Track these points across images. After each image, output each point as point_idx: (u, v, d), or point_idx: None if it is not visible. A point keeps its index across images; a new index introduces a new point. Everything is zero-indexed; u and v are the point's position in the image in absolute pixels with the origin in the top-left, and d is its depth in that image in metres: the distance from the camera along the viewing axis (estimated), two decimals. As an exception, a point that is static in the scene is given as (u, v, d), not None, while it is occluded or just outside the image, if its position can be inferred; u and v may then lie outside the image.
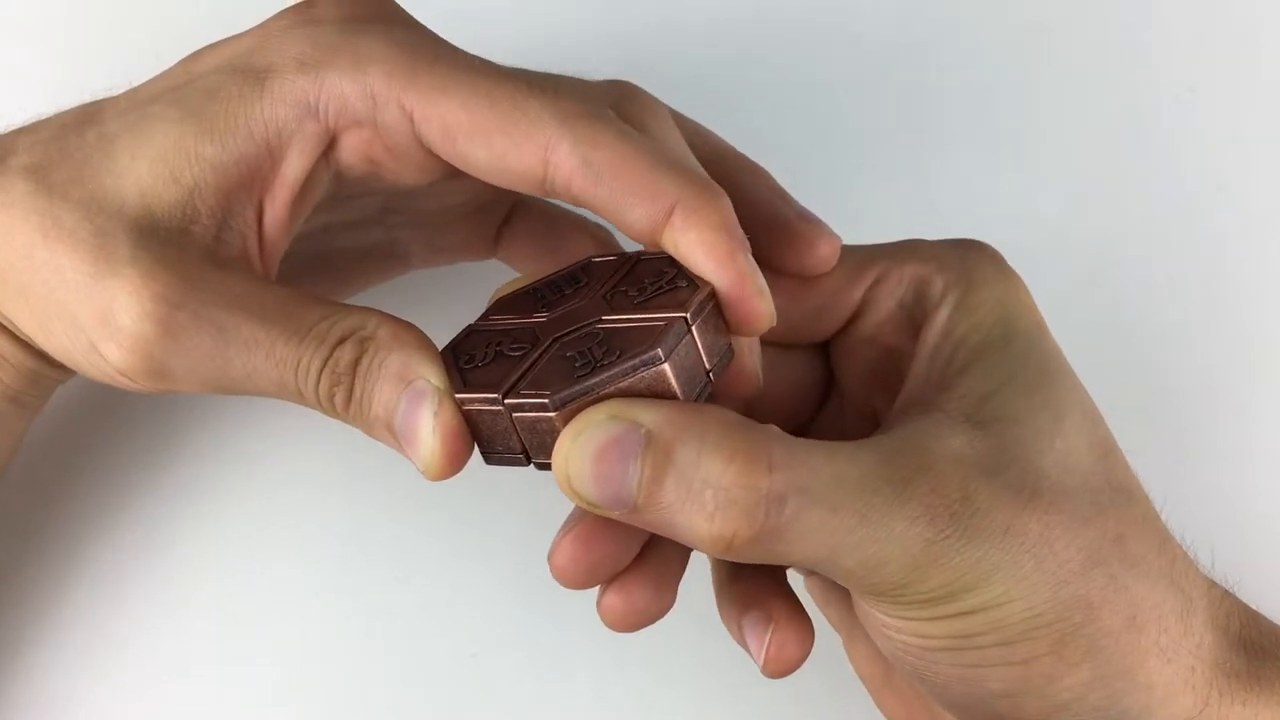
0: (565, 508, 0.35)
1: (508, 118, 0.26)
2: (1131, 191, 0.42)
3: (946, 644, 0.25)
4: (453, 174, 0.29)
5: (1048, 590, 0.25)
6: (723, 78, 0.42)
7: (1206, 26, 0.43)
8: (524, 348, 0.26)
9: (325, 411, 0.27)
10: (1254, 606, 0.29)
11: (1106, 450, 0.27)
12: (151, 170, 0.27)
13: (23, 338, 0.30)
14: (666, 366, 0.24)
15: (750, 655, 0.30)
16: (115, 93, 0.30)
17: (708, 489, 0.23)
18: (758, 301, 0.25)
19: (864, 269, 0.30)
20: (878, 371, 0.31)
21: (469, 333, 0.28)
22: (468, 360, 0.26)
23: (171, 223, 0.27)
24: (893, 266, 0.30)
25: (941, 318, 0.29)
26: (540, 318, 0.27)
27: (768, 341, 0.30)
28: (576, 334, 0.26)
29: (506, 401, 0.25)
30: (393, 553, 0.39)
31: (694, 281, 0.25)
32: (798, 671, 0.36)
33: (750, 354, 0.27)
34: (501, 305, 0.29)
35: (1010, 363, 0.28)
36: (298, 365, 0.26)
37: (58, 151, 0.28)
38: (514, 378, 0.25)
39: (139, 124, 0.28)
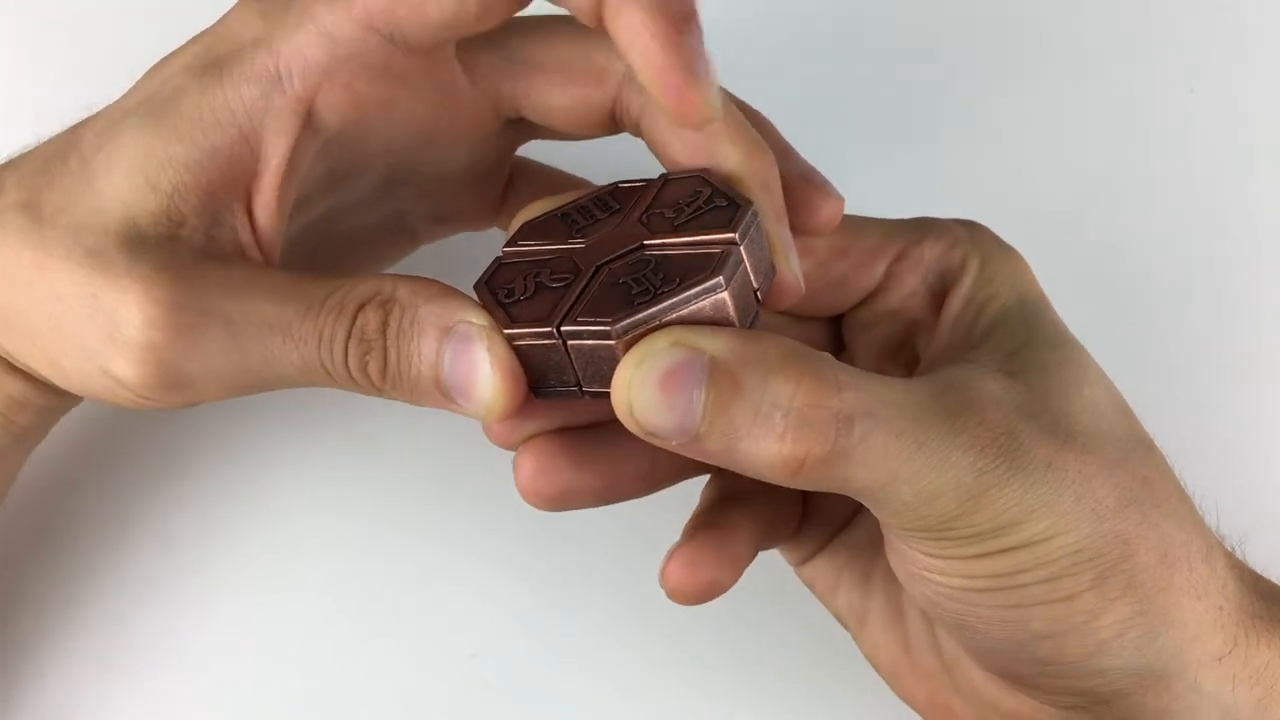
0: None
1: None
2: (1131, 192, 0.43)
3: (991, 584, 0.26)
4: (449, 100, 0.28)
5: (1088, 526, 0.25)
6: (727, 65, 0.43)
7: (1206, 26, 0.44)
8: (566, 277, 0.26)
9: (359, 387, 0.26)
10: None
11: (1124, 407, 0.28)
12: (127, 182, 0.27)
13: (37, 378, 0.29)
14: (726, 294, 0.24)
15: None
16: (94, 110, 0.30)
17: (777, 411, 0.23)
18: (690, 94, 0.23)
19: (885, 245, 0.30)
20: (895, 343, 0.31)
21: (498, 266, 0.27)
22: (507, 295, 0.26)
23: (159, 230, 0.27)
24: (913, 244, 0.30)
25: (963, 288, 0.30)
26: (576, 244, 0.27)
27: (784, 312, 0.31)
28: (623, 260, 0.25)
29: (562, 329, 0.24)
30: (392, 552, 0.38)
31: (734, 199, 0.25)
32: (805, 669, 0.37)
33: (788, 262, 0.27)
34: (529, 231, 0.28)
35: (1028, 326, 0.29)
36: (320, 340, 0.26)
37: (44, 183, 0.28)
38: (565, 308, 0.25)
39: (111, 139, 0.27)
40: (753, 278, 0.25)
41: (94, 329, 0.26)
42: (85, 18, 0.44)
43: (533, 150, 0.34)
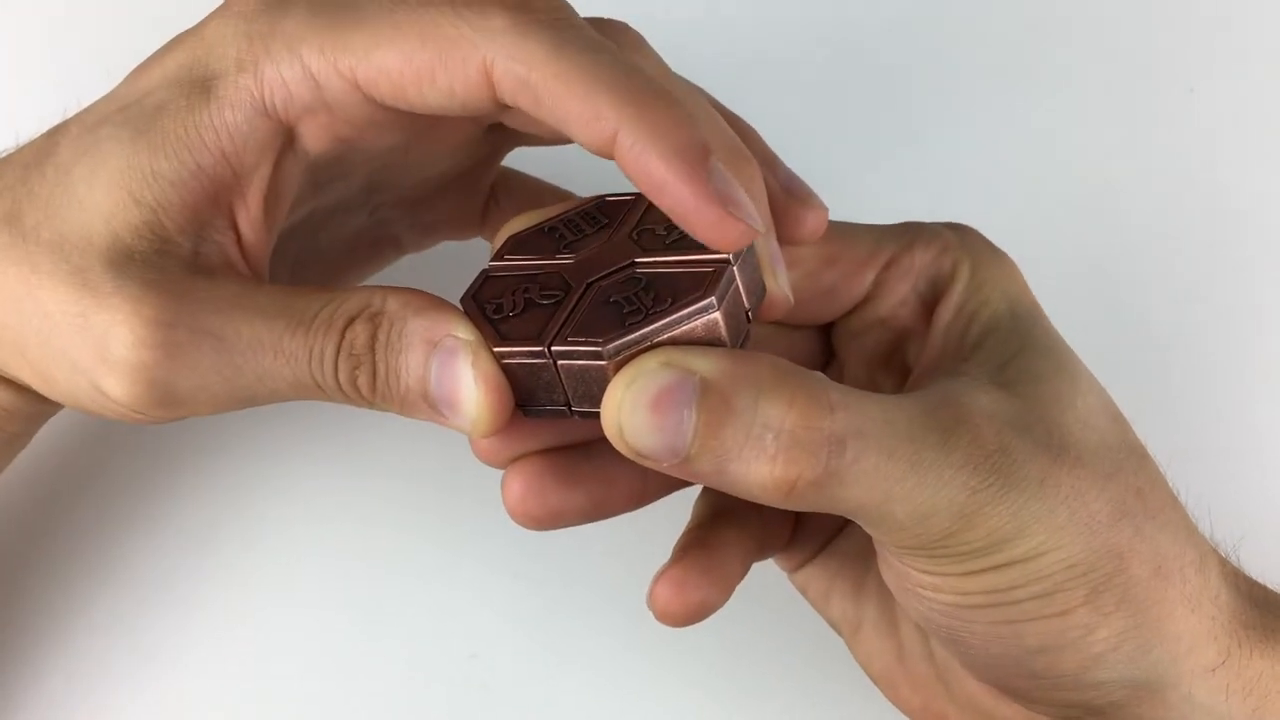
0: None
1: (440, 50, 0.25)
2: (1130, 192, 0.43)
3: (986, 600, 0.26)
4: (430, 124, 0.28)
5: (1081, 540, 0.25)
6: (718, 67, 0.43)
7: (1206, 26, 0.44)
8: (556, 295, 0.25)
9: (350, 400, 0.26)
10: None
11: (1116, 414, 0.28)
12: (109, 195, 0.26)
13: (25, 387, 0.29)
14: (719, 315, 0.23)
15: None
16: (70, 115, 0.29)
17: (769, 433, 0.23)
18: (730, 225, 0.23)
19: (875, 253, 0.30)
20: (885, 351, 0.31)
21: (486, 278, 0.27)
22: (496, 310, 0.26)
23: (144, 244, 0.26)
24: (902, 250, 0.30)
25: (954, 296, 0.29)
26: (565, 259, 0.26)
27: (775, 321, 0.31)
28: (614, 279, 0.25)
29: (553, 349, 0.24)
30: (391, 554, 0.38)
31: None
32: (803, 671, 0.37)
33: (776, 277, 0.26)
34: (516, 245, 0.28)
35: (1021, 334, 0.29)
36: (310, 356, 0.26)
37: (24, 195, 0.27)
38: (556, 327, 0.24)
39: (91, 149, 0.27)
40: (744, 298, 0.25)
41: (84, 347, 0.26)
42: (86, 16, 0.44)
43: (520, 158, 0.34)
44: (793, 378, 0.24)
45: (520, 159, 0.35)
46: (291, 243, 0.32)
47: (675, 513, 0.31)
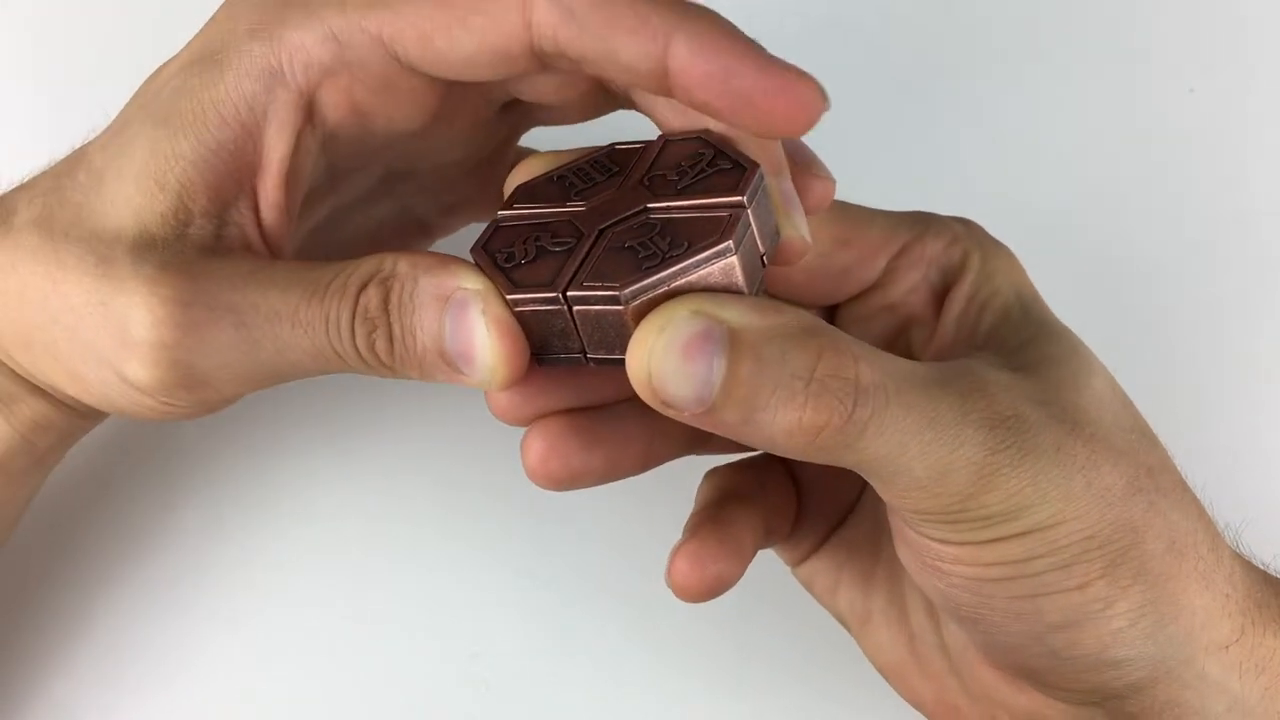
0: (567, 506, 0.35)
1: None
2: (1130, 192, 0.43)
3: (1004, 572, 0.25)
4: (446, 100, 0.28)
5: (1097, 511, 0.25)
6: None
7: (1206, 26, 0.44)
8: (568, 242, 0.25)
9: (371, 369, 0.26)
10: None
11: (1126, 400, 0.28)
12: (137, 185, 0.27)
13: (60, 397, 0.30)
14: (736, 259, 0.23)
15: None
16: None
17: (798, 380, 0.23)
18: (802, 88, 0.23)
19: (889, 240, 0.30)
20: (889, 337, 0.31)
21: (496, 228, 0.27)
22: (507, 259, 0.25)
23: (168, 231, 0.27)
24: (915, 239, 0.30)
25: (965, 286, 0.30)
26: (576, 207, 0.26)
27: (783, 297, 0.31)
28: (628, 224, 0.25)
29: (569, 294, 0.24)
30: (392, 553, 0.38)
31: (738, 161, 0.25)
32: (809, 667, 0.36)
33: (790, 219, 0.26)
34: (526, 193, 0.27)
35: (1032, 322, 0.29)
36: (326, 323, 0.26)
37: (56, 200, 0.28)
38: (570, 272, 0.24)
39: (119, 148, 0.27)
40: (759, 242, 0.25)
41: (106, 335, 0.26)
42: (84, 16, 0.44)
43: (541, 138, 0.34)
44: (819, 328, 0.24)
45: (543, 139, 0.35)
46: (316, 242, 0.33)
47: (677, 509, 0.31)
